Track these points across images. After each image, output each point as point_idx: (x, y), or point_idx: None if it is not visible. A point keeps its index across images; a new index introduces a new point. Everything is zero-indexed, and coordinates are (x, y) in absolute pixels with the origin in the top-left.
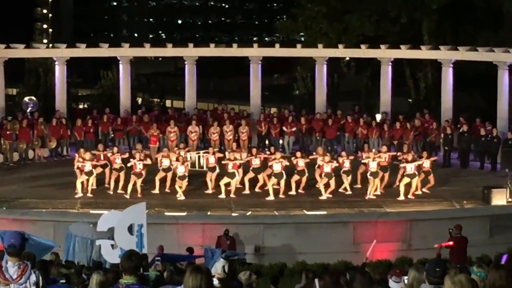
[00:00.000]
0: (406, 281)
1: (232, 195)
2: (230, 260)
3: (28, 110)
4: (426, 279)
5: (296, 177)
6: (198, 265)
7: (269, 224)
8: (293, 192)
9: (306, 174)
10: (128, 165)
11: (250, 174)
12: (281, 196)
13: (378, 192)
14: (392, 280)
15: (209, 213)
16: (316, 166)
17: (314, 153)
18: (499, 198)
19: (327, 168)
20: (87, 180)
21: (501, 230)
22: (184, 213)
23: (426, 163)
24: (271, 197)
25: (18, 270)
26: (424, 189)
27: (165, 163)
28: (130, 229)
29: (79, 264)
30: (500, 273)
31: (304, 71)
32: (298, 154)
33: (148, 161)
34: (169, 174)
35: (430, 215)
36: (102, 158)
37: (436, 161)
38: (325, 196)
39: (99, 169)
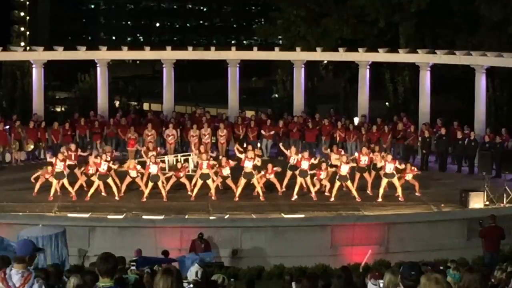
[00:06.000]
0: (381, 284)
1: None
2: (205, 266)
3: None
4: (401, 282)
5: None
6: (169, 267)
7: (246, 227)
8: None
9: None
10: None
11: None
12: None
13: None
14: (370, 283)
15: (186, 216)
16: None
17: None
18: (476, 201)
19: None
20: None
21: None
22: (162, 217)
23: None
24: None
25: (21, 278)
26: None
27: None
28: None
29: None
30: (474, 276)
31: (284, 74)
32: (306, 154)
33: (115, 165)
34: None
35: (408, 218)
36: (73, 158)
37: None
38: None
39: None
